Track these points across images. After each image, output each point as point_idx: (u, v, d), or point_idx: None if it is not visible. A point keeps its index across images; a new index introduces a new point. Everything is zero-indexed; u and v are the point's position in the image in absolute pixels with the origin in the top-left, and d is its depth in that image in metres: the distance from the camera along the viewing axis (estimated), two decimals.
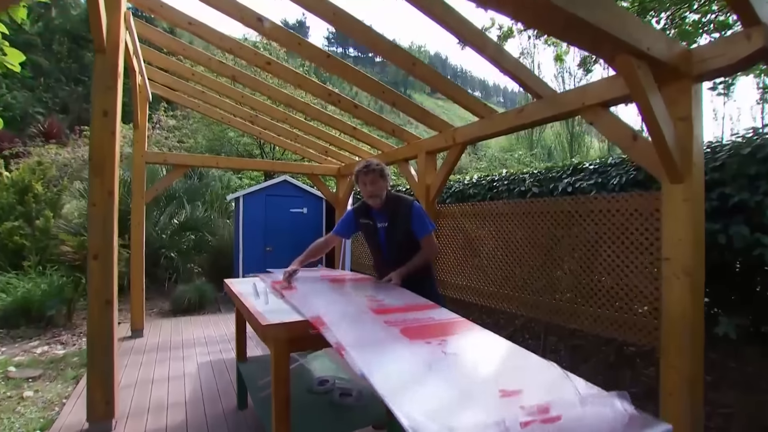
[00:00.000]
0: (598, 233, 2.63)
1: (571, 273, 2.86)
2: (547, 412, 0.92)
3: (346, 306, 1.95)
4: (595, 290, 2.67)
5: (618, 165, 3.70)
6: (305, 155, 6.19)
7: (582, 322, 2.72)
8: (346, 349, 1.26)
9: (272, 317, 1.77)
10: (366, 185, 2.45)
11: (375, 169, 2.42)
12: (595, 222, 2.69)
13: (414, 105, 3.67)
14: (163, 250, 8.05)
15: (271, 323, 1.68)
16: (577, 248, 2.83)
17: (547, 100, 2.74)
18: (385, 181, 2.46)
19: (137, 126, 4.77)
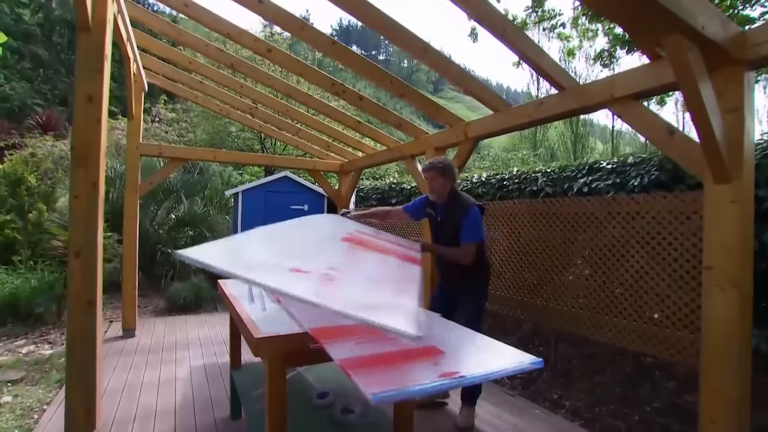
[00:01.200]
0: (625, 237, 2.42)
1: (592, 279, 2.65)
2: None
3: None
4: (620, 299, 2.46)
5: (638, 165, 3.49)
6: (306, 150, 5.98)
7: (604, 333, 2.51)
8: (353, 377, 1.05)
9: (267, 328, 1.57)
10: (427, 181, 2.65)
11: (436, 167, 2.59)
12: (621, 225, 2.47)
13: (424, 97, 3.45)
14: (159, 245, 7.87)
15: (265, 336, 1.47)
16: (598, 252, 2.62)
17: (570, 92, 2.52)
18: (446, 178, 2.59)
19: (131, 117, 4.56)
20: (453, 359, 1.21)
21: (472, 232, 2.47)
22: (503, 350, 1.32)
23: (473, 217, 2.48)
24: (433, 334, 1.48)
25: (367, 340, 1.36)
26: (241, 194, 6.70)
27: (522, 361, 1.20)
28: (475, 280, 2.69)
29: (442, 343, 1.34)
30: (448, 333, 1.53)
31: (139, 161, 4.68)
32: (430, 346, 1.32)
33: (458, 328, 1.57)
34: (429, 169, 2.63)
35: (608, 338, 2.48)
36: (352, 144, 5.19)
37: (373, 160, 4.96)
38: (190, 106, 11.46)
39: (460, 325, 1.59)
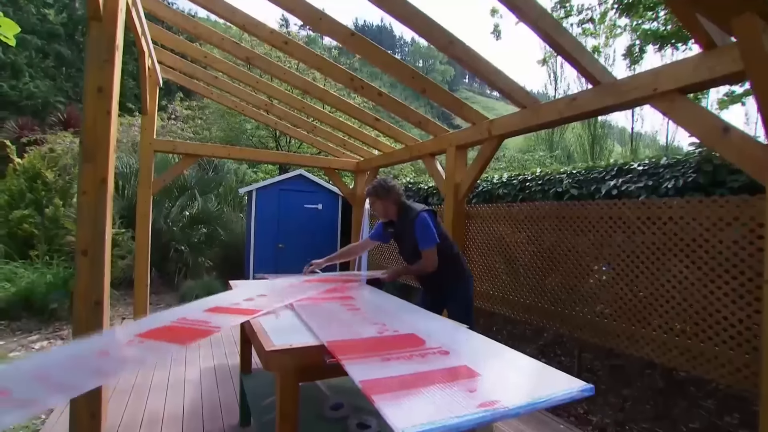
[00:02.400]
0: (666, 245, 2.22)
1: (626, 288, 2.45)
2: None
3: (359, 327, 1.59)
4: (658, 311, 2.25)
5: (672, 166, 3.27)
6: (322, 148, 5.87)
7: (641, 348, 2.31)
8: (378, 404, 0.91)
9: (279, 339, 1.43)
10: (372, 205, 2.76)
11: (370, 192, 2.67)
12: (662, 231, 2.27)
13: (446, 92, 3.29)
14: (173, 243, 7.86)
15: (276, 348, 1.33)
16: (634, 260, 2.42)
17: (606, 87, 2.34)
18: (384, 199, 2.64)
19: (146, 112, 4.51)
20: (490, 384, 1.05)
21: (425, 239, 2.50)
22: (547, 373, 1.16)
23: (420, 224, 2.50)
24: (462, 349, 1.32)
25: (392, 357, 1.21)
26: (255, 192, 6.63)
27: (571, 387, 1.04)
28: (454, 286, 2.68)
29: (476, 363, 1.18)
30: (479, 349, 1.37)
31: (152, 157, 4.63)
32: (462, 365, 1.17)
33: (490, 344, 1.41)
34: (367, 195, 2.74)
35: (645, 353, 2.28)
36: (369, 142, 5.05)
37: (391, 159, 4.81)
38: (206, 104, 11.48)
39: (491, 341, 1.43)
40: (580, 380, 1.08)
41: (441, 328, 1.56)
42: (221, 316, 1.58)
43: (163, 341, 1.21)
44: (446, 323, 1.69)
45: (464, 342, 1.40)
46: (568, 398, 1.01)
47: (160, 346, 1.17)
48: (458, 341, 1.40)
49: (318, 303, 1.95)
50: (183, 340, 1.24)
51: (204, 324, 1.35)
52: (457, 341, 1.40)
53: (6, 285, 5.28)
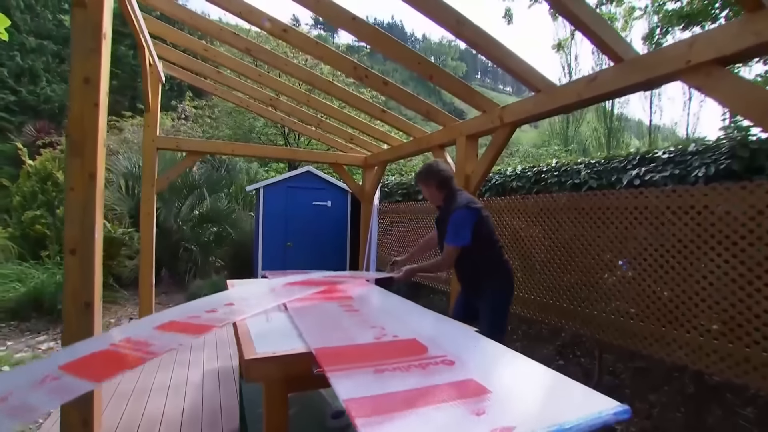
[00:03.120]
0: (702, 236, 1.99)
1: (654, 285, 2.23)
2: None
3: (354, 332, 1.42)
4: (694, 311, 2.03)
5: (702, 153, 3.02)
6: (329, 143, 5.71)
7: (673, 351, 2.10)
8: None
9: (264, 345, 1.27)
10: (422, 191, 2.65)
11: (420, 178, 2.57)
12: (696, 222, 2.04)
13: (454, 78, 3.10)
14: (183, 242, 7.84)
15: (256, 357, 1.17)
16: (664, 254, 2.20)
17: (630, 64, 2.11)
18: (431, 186, 2.52)
19: (148, 109, 4.42)
20: (503, 403, 0.87)
21: (453, 235, 2.34)
22: (572, 389, 0.97)
23: (457, 218, 2.34)
24: (470, 358, 1.14)
25: (387, 368, 1.04)
26: (263, 190, 6.53)
27: (601, 410, 0.86)
28: (490, 288, 2.47)
29: (486, 376, 1.00)
30: (490, 358, 1.19)
31: (156, 155, 4.54)
32: (469, 379, 0.99)
33: (503, 352, 1.23)
34: (416, 181, 2.64)
35: (677, 357, 2.06)
36: (377, 136, 4.88)
37: (399, 152, 4.63)
38: (215, 102, 11.47)
39: (506, 348, 1.25)
40: (612, 400, 0.89)
41: (447, 333, 1.39)
42: (167, 335, 1.42)
43: (77, 377, 1.01)
44: (454, 326, 1.51)
45: (473, 350, 1.22)
46: (599, 423, 0.83)
47: (73, 384, 0.98)
48: (466, 349, 1.22)
49: (314, 304, 1.79)
50: (104, 374, 1.04)
51: (142, 348, 1.18)
52: (464, 348, 1.22)
53: (17, 285, 5.29)
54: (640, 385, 3.23)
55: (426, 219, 4.78)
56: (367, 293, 2.21)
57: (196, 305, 1.94)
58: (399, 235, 5.37)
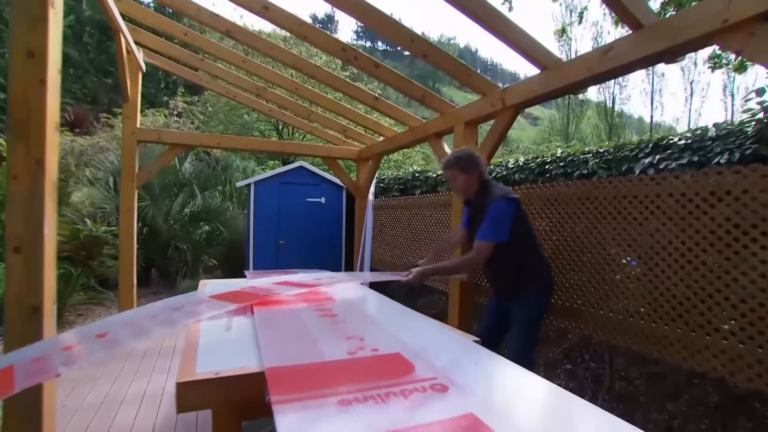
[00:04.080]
0: (741, 226, 1.71)
1: (682, 284, 1.96)
2: None
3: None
4: (731, 313, 1.74)
5: (723, 138, 2.76)
6: (321, 136, 5.44)
7: (705, 361, 1.82)
8: None
9: (210, 362, 1.01)
10: (450, 181, 2.33)
11: (452, 164, 2.25)
12: (734, 209, 1.76)
13: (451, 58, 2.82)
14: (173, 241, 7.58)
15: (192, 379, 0.90)
16: (692, 248, 1.92)
17: (652, 29, 1.84)
18: (467, 174, 2.22)
19: (127, 99, 4.15)
20: None
21: (486, 229, 2.05)
22: (605, 424, 0.70)
23: (494, 211, 2.05)
24: (468, 383, 0.87)
25: (357, 398, 0.77)
26: (254, 186, 6.25)
27: None
28: (530, 293, 2.20)
29: (490, 408, 0.73)
30: (497, 382, 0.92)
31: (136, 147, 4.27)
32: (466, 414, 0.72)
33: (513, 372, 0.96)
34: (445, 167, 2.30)
35: (711, 367, 1.79)
36: (371, 126, 4.60)
37: (394, 143, 4.35)
38: (207, 98, 11.18)
39: (516, 366, 0.97)
40: None
41: (440, 344, 1.11)
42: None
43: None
44: (450, 336, 1.24)
45: (472, 369, 0.95)
46: None
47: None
48: (463, 368, 0.95)
49: (284, 308, 1.52)
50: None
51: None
52: (461, 367, 0.95)
53: None
54: (656, 393, 2.96)
55: (423, 214, 4.50)
56: (352, 295, 1.94)
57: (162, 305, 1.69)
58: (395, 232, 5.10)
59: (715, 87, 53.16)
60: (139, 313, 1.50)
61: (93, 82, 17.97)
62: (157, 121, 10.87)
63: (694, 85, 22.57)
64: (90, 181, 7.51)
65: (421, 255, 4.49)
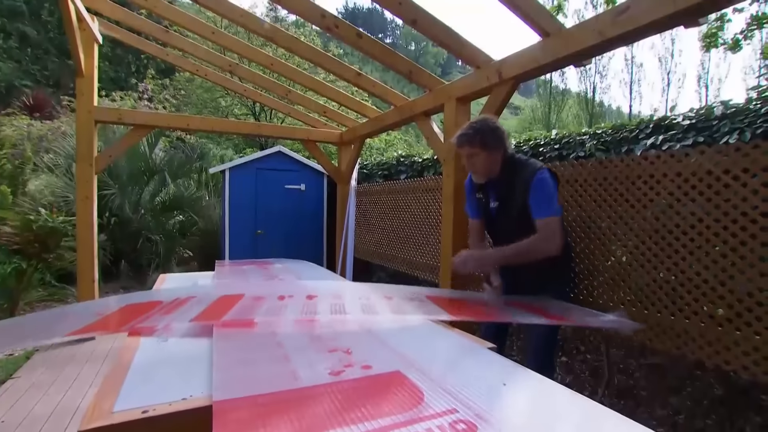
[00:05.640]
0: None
1: (707, 274, 1.77)
2: None
3: None
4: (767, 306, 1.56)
5: (731, 117, 2.59)
6: (300, 118, 5.09)
7: (736, 359, 1.64)
8: None
9: (140, 391, 0.73)
10: (466, 160, 1.90)
11: (472, 139, 1.81)
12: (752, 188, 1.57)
13: (443, 26, 2.54)
14: (144, 232, 7.13)
15: (106, 423, 0.63)
16: (721, 231, 1.73)
17: None
18: (490, 151, 1.82)
19: (81, 74, 3.72)
20: None
21: (545, 204, 1.72)
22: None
23: (543, 183, 1.73)
24: (502, 418, 0.62)
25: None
26: (228, 172, 5.87)
27: None
28: (552, 284, 1.92)
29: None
30: (540, 417, 0.67)
31: (94, 129, 3.86)
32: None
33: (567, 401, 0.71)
34: (463, 143, 1.84)
35: (748, 369, 1.60)
36: (353, 107, 4.29)
37: (379, 124, 4.06)
38: (179, 81, 10.56)
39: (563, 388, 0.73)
40: None
41: (450, 355, 0.86)
42: None
43: None
44: (459, 342, 0.99)
45: (502, 392, 0.70)
46: None
47: None
48: (489, 389, 0.70)
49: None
50: None
51: None
52: (486, 389, 0.69)
53: None
54: (657, 386, 2.82)
55: (408, 199, 4.24)
56: (339, 287, 1.66)
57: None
58: (379, 219, 4.83)
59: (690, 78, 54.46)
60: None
61: (54, 63, 16.85)
62: (126, 106, 10.22)
63: (671, 76, 22.94)
64: (50, 168, 6.94)
65: (408, 242, 4.25)
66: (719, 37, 3.77)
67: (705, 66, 20.20)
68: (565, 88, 25.17)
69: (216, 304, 1.17)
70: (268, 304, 1.20)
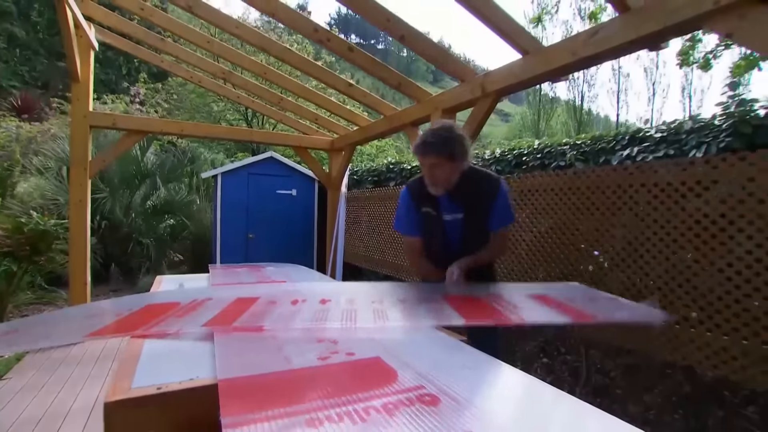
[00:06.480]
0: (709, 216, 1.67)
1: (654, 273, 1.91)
2: None
3: None
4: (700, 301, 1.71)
5: (699, 131, 2.77)
6: (293, 125, 5.20)
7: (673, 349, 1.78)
8: None
9: (152, 374, 0.84)
10: (425, 169, 1.73)
11: (441, 150, 1.65)
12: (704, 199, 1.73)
13: (430, 42, 2.69)
14: (134, 235, 7.15)
15: (128, 396, 0.74)
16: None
17: (640, 12, 1.77)
18: (455, 162, 1.68)
19: (77, 79, 3.79)
20: None
21: (509, 214, 1.82)
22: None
23: (506, 195, 1.80)
24: (463, 392, 0.75)
25: (331, 415, 0.63)
26: (221, 177, 5.94)
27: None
28: (490, 274, 2.01)
29: (492, 423, 0.60)
30: (496, 391, 0.79)
31: (88, 133, 3.92)
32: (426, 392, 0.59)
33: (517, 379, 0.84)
34: (428, 152, 1.66)
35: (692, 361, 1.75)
36: (344, 115, 4.42)
37: (369, 133, 4.20)
38: (172, 86, 10.60)
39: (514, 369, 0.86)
40: None
41: (423, 345, 0.98)
42: None
43: None
44: (442, 337, 1.11)
45: (466, 374, 0.82)
46: None
47: None
48: (454, 372, 0.82)
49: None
50: None
51: None
52: (451, 372, 0.82)
53: None
54: (632, 385, 2.97)
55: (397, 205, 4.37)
56: (352, 289, 1.75)
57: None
58: (369, 224, 4.95)
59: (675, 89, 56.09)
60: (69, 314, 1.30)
61: (44, 65, 16.72)
62: (117, 109, 10.23)
63: (656, 86, 23.54)
64: (39, 170, 6.93)
65: (396, 247, 4.37)
66: (691, 56, 3.99)
67: (689, 77, 20.82)
68: (554, 96, 25.59)
69: (230, 307, 1.23)
70: (280, 309, 1.24)
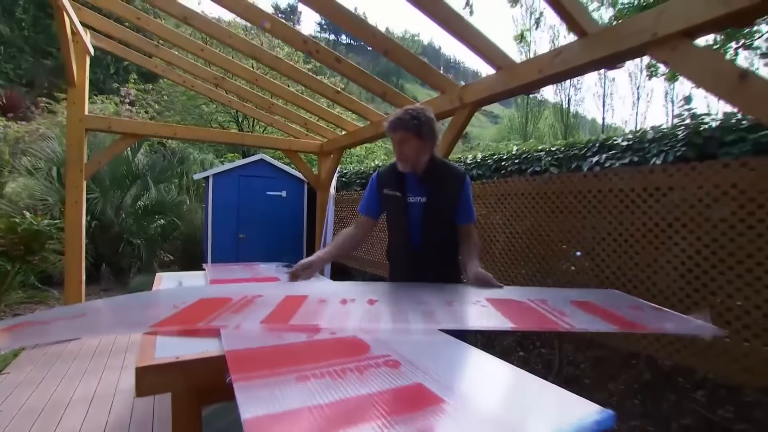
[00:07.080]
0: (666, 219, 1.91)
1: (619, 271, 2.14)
2: None
3: None
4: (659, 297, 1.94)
5: (659, 140, 3.02)
6: (283, 129, 5.37)
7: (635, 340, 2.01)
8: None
9: (169, 348, 1.02)
10: (395, 145, 1.80)
11: (407, 124, 1.74)
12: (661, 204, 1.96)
13: (413, 56, 2.89)
14: (125, 235, 7.22)
15: (152, 364, 0.92)
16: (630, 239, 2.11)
17: (596, 37, 2.00)
18: (422, 140, 1.76)
19: (73, 84, 3.91)
20: (459, 418, 0.67)
21: (473, 210, 1.90)
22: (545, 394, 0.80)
23: (468, 189, 1.87)
24: (419, 358, 0.94)
25: (314, 374, 0.82)
26: (212, 178, 6.07)
27: (581, 416, 0.68)
28: (455, 279, 1.99)
29: (439, 380, 0.80)
30: (445, 358, 0.99)
31: (84, 136, 4.04)
32: (415, 384, 0.79)
33: (465, 351, 1.04)
34: (397, 127, 1.75)
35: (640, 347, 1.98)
36: (333, 120, 4.61)
37: (356, 138, 4.39)
38: (163, 87, 10.66)
39: (467, 345, 1.06)
40: (593, 404, 0.73)
41: (398, 330, 1.17)
42: None
43: None
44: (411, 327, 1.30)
45: (425, 347, 1.02)
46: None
47: None
48: (415, 346, 1.02)
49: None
50: None
51: None
52: (413, 346, 1.02)
53: None
54: (599, 375, 3.21)
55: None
56: (398, 289, 1.85)
57: None
58: None
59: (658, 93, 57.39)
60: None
61: (29, 63, 16.55)
62: (107, 110, 10.24)
63: (641, 90, 24.13)
64: (29, 171, 6.97)
65: (383, 247, 4.56)
66: (658, 67, 4.27)
67: (671, 83, 21.44)
68: (542, 99, 25.92)
69: (283, 304, 1.30)
70: (332, 309, 1.30)
